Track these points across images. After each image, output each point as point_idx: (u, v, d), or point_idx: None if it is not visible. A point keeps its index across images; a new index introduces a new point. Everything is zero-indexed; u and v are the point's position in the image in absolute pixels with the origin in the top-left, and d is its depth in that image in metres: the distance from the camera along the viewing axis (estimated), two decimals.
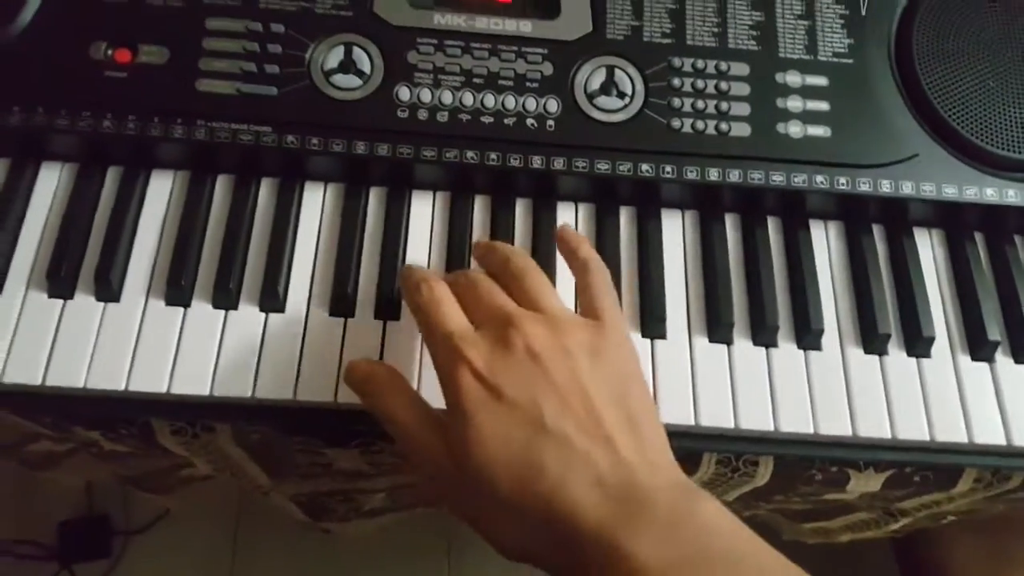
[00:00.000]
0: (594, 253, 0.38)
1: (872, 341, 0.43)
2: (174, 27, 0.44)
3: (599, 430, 0.30)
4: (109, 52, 0.43)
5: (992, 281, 0.46)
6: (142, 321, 0.42)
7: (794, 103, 0.45)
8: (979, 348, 0.44)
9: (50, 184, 0.45)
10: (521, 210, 0.46)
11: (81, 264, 0.43)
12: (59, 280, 0.42)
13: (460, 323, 0.34)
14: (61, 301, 0.42)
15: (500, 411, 0.31)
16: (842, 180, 0.44)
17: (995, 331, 0.44)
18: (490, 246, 0.39)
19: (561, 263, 0.41)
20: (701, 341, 0.43)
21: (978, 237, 0.47)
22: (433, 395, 0.35)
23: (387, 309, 0.43)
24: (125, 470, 0.64)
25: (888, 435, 0.41)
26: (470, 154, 0.43)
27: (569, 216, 0.46)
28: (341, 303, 0.42)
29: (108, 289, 0.42)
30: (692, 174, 0.44)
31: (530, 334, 0.32)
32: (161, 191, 0.45)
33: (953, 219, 0.47)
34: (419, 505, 0.67)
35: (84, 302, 0.42)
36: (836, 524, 0.67)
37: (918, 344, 0.44)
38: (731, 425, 0.41)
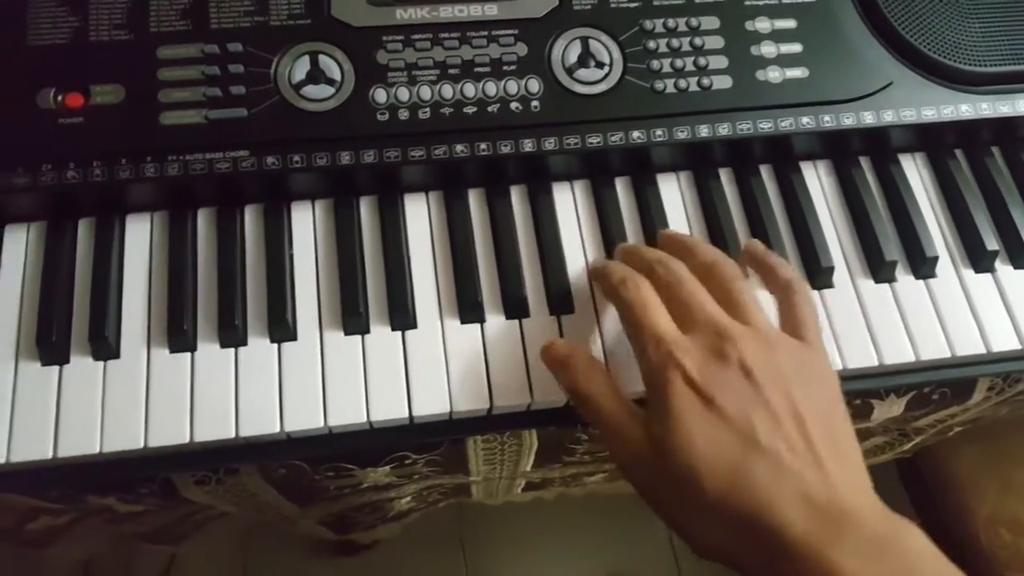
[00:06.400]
0: (795, 273, 0.39)
1: (880, 270, 0.44)
2: (124, 62, 0.41)
3: (809, 450, 0.31)
4: (59, 98, 0.41)
5: (980, 194, 0.47)
6: (148, 373, 0.40)
7: (768, 49, 0.45)
8: (980, 260, 0.45)
9: (18, 248, 0.42)
10: (517, 197, 0.45)
11: (71, 326, 0.40)
12: (51, 346, 0.39)
13: (670, 327, 0.35)
14: (57, 367, 0.39)
15: (711, 418, 0.31)
16: (827, 118, 0.45)
17: (992, 241, 0.45)
18: (686, 243, 0.39)
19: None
20: None
21: (959, 154, 0.48)
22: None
23: (401, 320, 0.41)
24: (137, 527, 0.62)
25: (912, 358, 0.42)
26: (459, 147, 0.42)
27: (567, 196, 0.45)
28: (354, 322, 0.41)
29: (106, 347, 0.39)
30: (683, 133, 0.43)
31: (745, 350, 0.33)
32: (140, 236, 0.42)
33: (934, 140, 0.48)
34: (449, 499, 0.67)
35: (82, 364, 0.40)
36: None
37: (923, 265, 0.44)
38: None
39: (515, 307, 0.42)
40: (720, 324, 0.34)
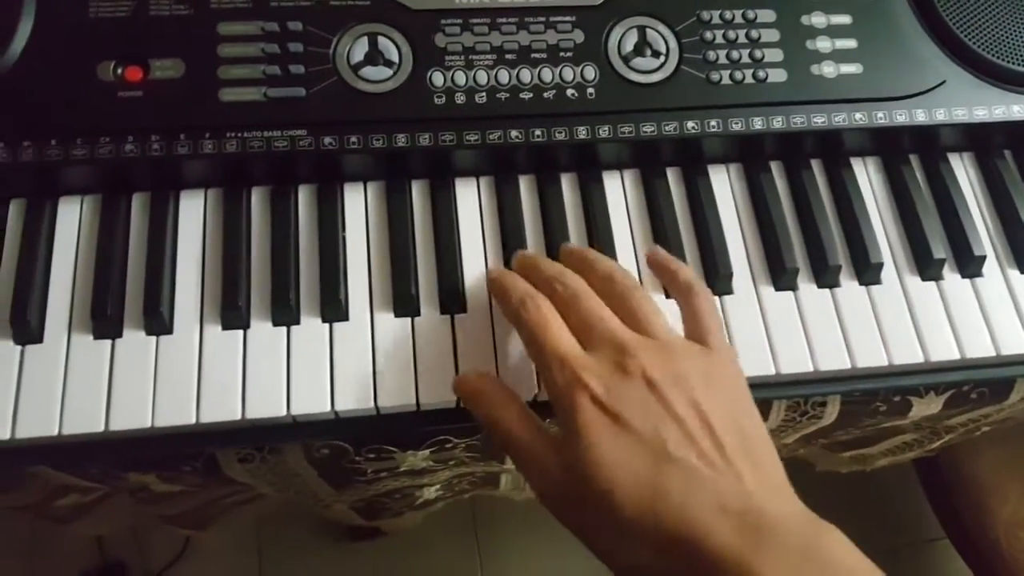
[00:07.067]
0: (695, 275, 0.38)
1: (928, 268, 0.44)
2: (185, 37, 0.41)
3: (721, 457, 0.31)
4: (119, 71, 0.41)
5: None
6: (201, 349, 0.40)
7: (823, 43, 0.45)
8: None
9: (72, 220, 0.42)
10: (567, 185, 0.45)
11: (124, 300, 0.40)
12: (105, 320, 0.39)
13: (572, 346, 0.34)
14: (110, 341, 0.40)
15: (622, 438, 0.31)
16: (879, 114, 0.45)
17: None
18: (585, 256, 0.38)
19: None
20: (767, 291, 0.43)
21: (1007, 155, 0.48)
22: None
23: (452, 303, 0.41)
24: (166, 509, 0.62)
25: (957, 356, 0.43)
26: (514, 133, 0.42)
27: (617, 185, 0.45)
28: (406, 304, 0.41)
29: (160, 321, 0.40)
30: (737, 125, 0.43)
31: (646, 362, 0.32)
32: (194, 213, 0.43)
33: (984, 140, 0.48)
34: (477, 489, 0.67)
35: (135, 338, 0.40)
36: (877, 450, 0.69)
37: (971, 264, 0.45)
38: (810, 368, 0.41)
39: None
40: (620, 338, 0.33)
